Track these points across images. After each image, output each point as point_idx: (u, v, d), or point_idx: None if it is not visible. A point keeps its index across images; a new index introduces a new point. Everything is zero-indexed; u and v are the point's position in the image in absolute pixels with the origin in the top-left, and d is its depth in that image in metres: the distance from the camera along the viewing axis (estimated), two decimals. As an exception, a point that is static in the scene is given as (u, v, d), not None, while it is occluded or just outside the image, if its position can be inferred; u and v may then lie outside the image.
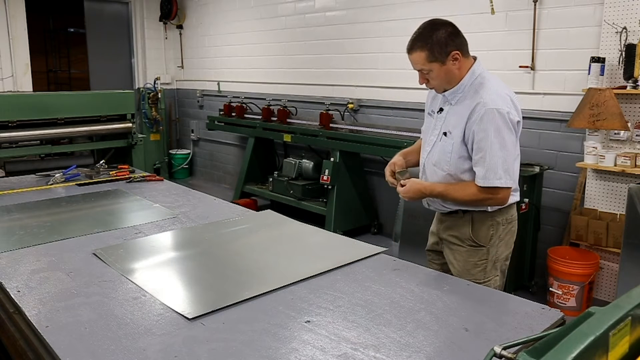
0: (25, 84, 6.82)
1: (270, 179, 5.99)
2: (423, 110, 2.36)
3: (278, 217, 2.66)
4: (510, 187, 2.02)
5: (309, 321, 1.55)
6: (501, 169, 1.97)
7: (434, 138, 2.16)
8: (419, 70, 2.08)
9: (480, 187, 2.01)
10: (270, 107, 6.16)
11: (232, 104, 6.74)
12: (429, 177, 2.19)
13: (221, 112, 6.89)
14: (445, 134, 2.10)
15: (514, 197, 2.15)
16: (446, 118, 2.11)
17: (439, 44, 1.99)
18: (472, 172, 2.05)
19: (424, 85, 2.15)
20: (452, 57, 2.01)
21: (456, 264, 2.19)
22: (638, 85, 3.51)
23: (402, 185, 2.15)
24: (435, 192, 2.10)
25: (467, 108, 2.02)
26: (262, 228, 2.50)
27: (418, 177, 2.24)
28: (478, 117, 1.97)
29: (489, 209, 2.11)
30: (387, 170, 2.26)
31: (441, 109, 2.16)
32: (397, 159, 2.29)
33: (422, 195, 2.15)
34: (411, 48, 2.04)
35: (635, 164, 3.57)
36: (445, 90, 2.11)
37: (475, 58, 2.13)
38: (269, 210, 2.88)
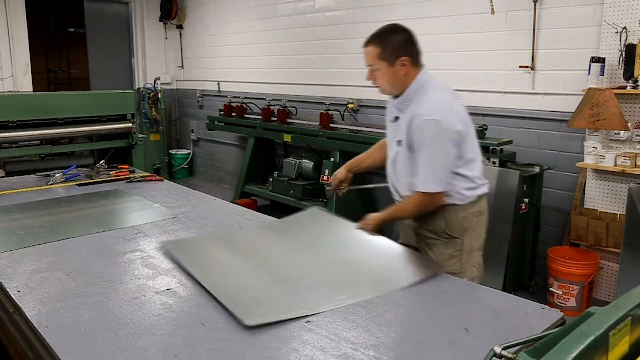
0: (25, 84, 6.82)
1: (270, 179, 5.99)
2: None
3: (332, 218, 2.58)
4: (442, 192, 2.12)
5: (309, 321, 1.55)
6: (431, 177, 2.08)
7: (393, 146, 2.27)
8: (368, 66, 2.17)
9: (418, 192, 2.13)
10: (270, 107, 6.16)
11: (232, 104, 6.73)
12: (398, 183, 2.31)
13: (221, 112, 6.89)
14: (399, 142, 2.21)
15: (481, 190, 2.25)
16: (399, 126, 2.21)
17: (392, 45, 2.09)
18: None
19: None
20: (400, 62, 2.09)
21: (433, 256, 2.25)
22: (638, 85, 3.51)
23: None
24: (388, 216, 2.25)
25: (409, 117, 2.12)
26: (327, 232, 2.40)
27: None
28: (416, 127, 2.07)
29: (459, 202, 2.20)
30: (334, 183, 2.52)
31: (396, 117, 2.25)
32: (342, 172, 2.54)
33: (377, 221, 2.27)
34: (367, 42, 2.14)
35: (635, 164, 3.57)
36: (391, 94, 2.23)
37: (423, 66, 2.21)
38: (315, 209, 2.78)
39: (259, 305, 1.65)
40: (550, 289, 3.81)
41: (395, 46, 2.08)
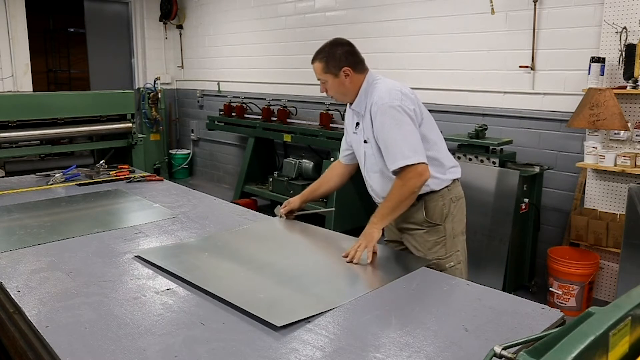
0: (25, 84, 6.81)
1: (270, 179, 5.99)
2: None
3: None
4: (424, 163, 2.12)
5: (309, 321, 1.55)
6: (407, 149, 2.12)
7: (362, 150, 2.36)
8: (318, 80, 2.33)
9: (396, 172, 2.15)
10: (270, 107, 6.16)
11: (232, 104, 6.73)
12: (373, 183, 2.39)
13: (221, 112, 6.89)
14: (365, 141, 2.32)
15: (454, 174, 2.35)
16: (363, 129, 2.32)
17: (334, 59, 2.25)
18: None
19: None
20: (343, 72, 2.25)
21: (418, 246, 2.32)
22: (638, 85, 3.51)
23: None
24: (381, 218, 2.18)
25: (368, 113, 2.25)
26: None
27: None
28: (376, 116, 2.18)
29: (435, 187, 2.26)
30: (283, 210, 2.56)
31: (357, 124, 2.36)
32: (296, 202, 2.58)
33: (375, 233, 2.13)
34: (314, 59, 2.32)
35: (635, 164, 3.57)
36: (344, 101, 2.37)
37: (368, 70, 2.34)
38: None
39: (278, 306, 1.65)
40: (550, 289, 3.81)
41: (337, 59, 2.25)
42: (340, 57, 2.26)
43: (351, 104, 2.36)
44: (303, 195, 2.61)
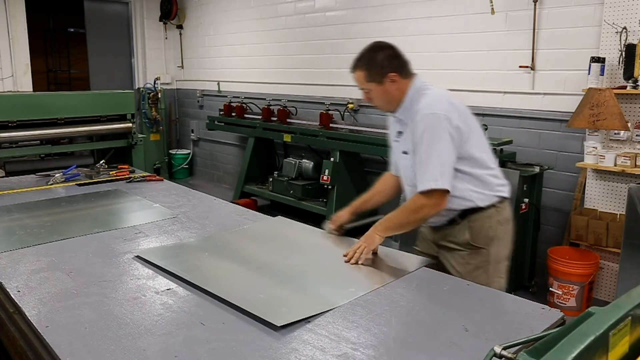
0: (25, 84, 6.82)
1: (270, 179, 5.99)
2: None
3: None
4: (447, 191, 2.00)
5: (309, 321, 1.55)
6: (437, 171, 1.97)
7: (401, 161, 2.23)
8: (361, 90, 2.16)
9: (419, 192, 2.01)
10: (270, 107, 6.16)
11: (232, 104, 6.73)
12: (409, 196, 2.20)
13: (221, 112, 6.89)
14: (405, 152, 2.16)
15: (502, 192, 2.16)
16: (405, 139, 2.16)
17: (376, 65, 2.07)
18: None
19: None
20: (389, 79, 2.07)
21: (457, 267, 2.15)
22: (638, 85, 3.51)
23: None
24: (385, 227, 2.08)
25: (412, 122, 2.07)
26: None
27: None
28: (418, 126, 2.02)
29: (481, 203, 2.09)
30: (332, 225, 2.38)
31: (400, 132, 2.21)
32: (344, 216, 2.40)
33: (377, 239, 2.08)
34: (353, 67, 2.13)
35: (635, 164, 3.57)
36: (389, 110, 2.19)
37: (415, 74, 2.17)
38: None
39: (278, 306, 1.65)
40: (550, 289, 3.81)
41: (380, 65, 2.07)
42: (383, 62, 2.06)
43: (394, 111, 2.17)
44: (353, 207, 2.43)
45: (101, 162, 3.79)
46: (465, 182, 2.08)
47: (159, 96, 7.85)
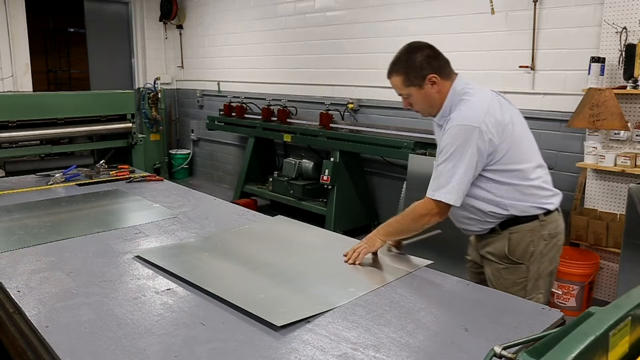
0: (25, 84, 6.81)
1: (270, 179, 5.99)
2: None
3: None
4: (450, 206, 1.93)
5: (309, 321, 1.55)
6: (450, 184, 1.89)
7: None
8: (400, 95, 2.06)
9: (427, 198, 1.95)
10: (270, 107, 6.16)
11: (232, 104, 6.74)
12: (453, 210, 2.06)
13: (221, 112, 6.89)
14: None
15: (549, 204, 2.05)
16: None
17: (414, 68, 1.96)
18: (480, 193, 1.99)
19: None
20: (429, 81, 1.97)
21: (494, 280, 2.08)
22: (638, 85, 3.51)
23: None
24: (386, 232, 2.03)
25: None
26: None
27: None
28: (445, 132, 1.94)
29: (516, 214, 1.99)
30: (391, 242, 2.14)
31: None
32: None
33: (377, 242, 2.04)
34: (389, 73, 2.03)
35: (635, 164, 3.57)
36: (431, 115, 2.08)
37: (456, 74, 2.06)
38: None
39: (278, 306, 1.65)
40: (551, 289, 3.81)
41: (418, 67, 1.95)
42: (422, 64, 1.95)
43: (435, 115, 2.05)
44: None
45: (101, 162, 3.79)
46: (502, 191, 1.98)
47: (159, 96, 7.85)
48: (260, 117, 6.27)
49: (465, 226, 2.14)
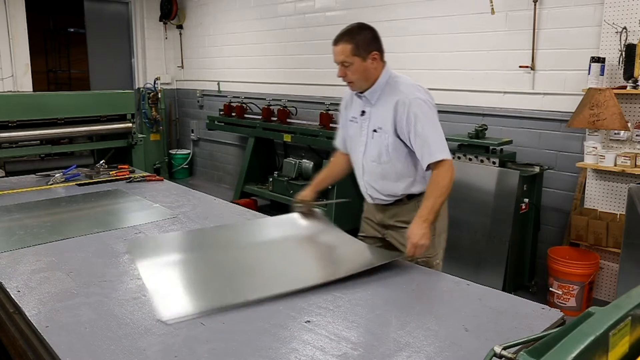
0: (25, 84, 6.81)
1: (270, 179, 5.99)
2: None
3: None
4: (452, 159, 2.20)
5: (309, 321, 1.55)
6: (442, 144, 2.18)
7: (364, 138, 2.32)
8: (340, 63, 2.22)
9: (434, 164, 2.16)
10: (270, 107, 6.16)
11: (232, 104, 6.73)
12: (368, 172, 2.36)
13: (221, 112, 6.88)
14: (375, 130, 2.27)
15: None
16: (371, 118, 2.29)
17: (364, 41, 2.18)
18: (407, 158, 2.24)
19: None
20: (372, 57, 2.19)
21: (405, 242, 2.23)
22: (638, 85, 3.51)
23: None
24: (431, 211, 2.14)
25: (390, 104, 2.20)
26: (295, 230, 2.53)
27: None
28: (406, 109, 2.16)
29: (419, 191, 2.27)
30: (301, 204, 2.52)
31: (363, 112, 2.32)
32: (305, 193, 2.56)
33: (428, 231, 2.13)
34: (338, 40, 2.20)
35: (635, 164, 3.57)
36: (361, 88, 2.27)
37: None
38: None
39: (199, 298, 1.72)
40: (550, 289, 3.81)
41: (366, 42, 2.18)
42: (371, 41, 2.20)
43: (361, 91, 2.29)
44: (314, 186, 2.59)
45: (101, 162, 3.79)
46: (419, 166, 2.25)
47: (159, 96, 7.85)
48: (260, 117, 6.27)
49: (387, 192, 2.34)
